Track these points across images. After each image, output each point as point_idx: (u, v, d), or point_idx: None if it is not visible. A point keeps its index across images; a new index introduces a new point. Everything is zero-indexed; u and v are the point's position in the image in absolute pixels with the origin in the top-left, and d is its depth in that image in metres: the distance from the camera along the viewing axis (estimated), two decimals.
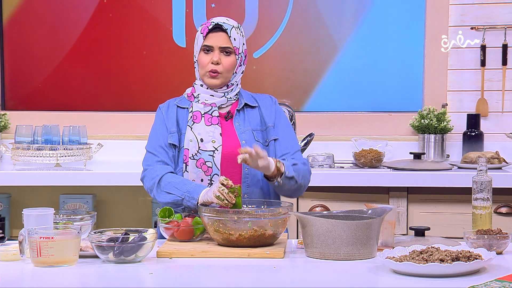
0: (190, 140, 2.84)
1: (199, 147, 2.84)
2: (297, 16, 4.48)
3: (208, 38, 2.85)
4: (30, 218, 2.45)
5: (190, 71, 4.56)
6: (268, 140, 2.90)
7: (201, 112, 2.88)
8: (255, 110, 2.93)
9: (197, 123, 2.87)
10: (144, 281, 2.25)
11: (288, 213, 2.56)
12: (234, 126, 2.89)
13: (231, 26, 2.86)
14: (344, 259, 2.39)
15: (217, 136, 2.85)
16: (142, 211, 4.30)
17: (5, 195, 4.19)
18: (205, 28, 2.86)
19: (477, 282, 2.11)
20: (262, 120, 2.91)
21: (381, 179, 3.83)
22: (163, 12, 4.52)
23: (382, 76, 4.45)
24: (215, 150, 2.83)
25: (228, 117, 2.89)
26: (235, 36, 2.86)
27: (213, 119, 2.87)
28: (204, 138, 2.84)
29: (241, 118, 2.91)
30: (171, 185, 2.77)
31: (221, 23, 2.85)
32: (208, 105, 2.88)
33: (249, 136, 2.87)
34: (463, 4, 4.35)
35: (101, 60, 4.56)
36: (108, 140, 4.40)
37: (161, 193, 2.79)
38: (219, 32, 2.85)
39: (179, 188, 2.75)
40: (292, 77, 4.50)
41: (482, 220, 2.66)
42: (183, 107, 2.93)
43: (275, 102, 2.98)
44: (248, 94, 2.97)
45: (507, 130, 4.30)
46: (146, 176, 2.85)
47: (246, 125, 2.90)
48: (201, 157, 2.83)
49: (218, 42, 2.84)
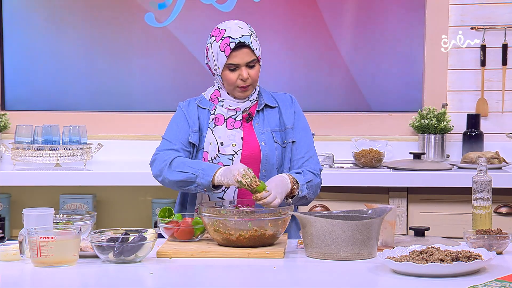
0: (211, 143, 2.83)
1: (219, 151, 2.82)
2: (297, 16, 4.48)
3: (232, 57, 2.78)
4: (30, 218, 2.45)
5: (191, 71, 4.59)
6: (286, 142, 2.88)
7: (224, 115, 2.86)
8: (274, 110, 2.91)
9: (218, 126, 2.85)
10: (144, 281, 2.25)
11: (288, 213, 2.56)
12: (253, 127, 2.87)
13: (249, 36, 2.79)
14: (344, 259, 2.39)
15: (238, 140, 2.83)
16: (142, 211, 4.29)
17: (5, 195, 4.19)
18: (225, 46, 2.77)
19: (477, 282, 2.11)
20: (281, 121, 2.90)
21: (381, 179, 3.83)
22: (164, 11, 4.52)
23: (382, 76, 4.45)
24: (235, 153, 2.82)
25: (249, 119, 2.87)
26: (256, 45, 2.81)
27: (236, 123, 2.85)
28: (225, 142, 2.83)
29: (260, 118, 2.89)
30: (184, 164, 2.73)
31: (243, 40, 2.77)
32: (232, 109, 2.87)
33: (268, 137, 2.85)
34: (463, 4, 4.35)
35: (101, 60, 4.56)
36: (108, 140, 4.40)
37: (173, 172, 2.73)
38: (243, 49, 2.78)
39: (193, 166, 2.70)
40: (292, 77, 4.50)
41: (482, 220, 2.66)
42: (204, 107, 2.90)
43: (294, 102, 2.95)
44: (267, 94, 2.94)
45: (507, 130, 4.30)
46: (156, 160, 2.80)
47: (266, 126, 2.88)
48: (220, 161, 2.82)
49: (244, 59, 2.79)
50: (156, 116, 4.50)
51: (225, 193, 2.81)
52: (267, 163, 2.83)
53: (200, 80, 4.43)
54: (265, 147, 2.83)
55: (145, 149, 4.40)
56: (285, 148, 2.88)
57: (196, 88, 4.42)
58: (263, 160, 2.83)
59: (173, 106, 4.48)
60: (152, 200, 4.19)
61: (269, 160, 2.84)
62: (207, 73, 2.94)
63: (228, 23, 2.83)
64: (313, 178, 2.82)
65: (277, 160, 2.85)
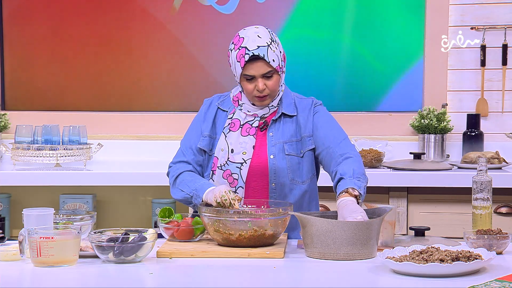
0: (222, 149, 2.81)
1: (228, 158, 2.80)
2: (296, 15, 4.48)
3: (247, 68, 2.74)
4: (30, 218, 2.45)
5: (191, 71, 4.59)
6: (303, 151, 2.82)
7: (240, 121, 2.83)
8: (292, 119, 2.85)
9: (233, 131, 2.82)
10: (144, 281, 2.25)
11: (288, 213, 2.56)
12: (267, 138, 2.83)
13: (265, 48, 2.73)
14: (344, 259, 2.39)
15: (249, 148, 2.80)
16: (142, 211, 4.29)
17: (5, 195, 4.19)
18: (241, 57, 2.73)
19: (477, 282, 2.11)
20: (298, 130, 2.84)
21: (381, 179, 3.83)
22: (164, 11, 4.52)
23: (382, 76, 4.45)
24: (244, 162, 2.79)
25: (263, 127, 2.83)
26: (273, 56, 2.73)
27: (251, 129, 2.82)
28: (235, 149, 2.80)
29: (276, 128, 2.83)
30: (184, 183, 2.77)
31: (257, 53, 2.71)
32: (250, 115, 2.84)
33: (278, 150, 2.80)
34: (463, 4, 4.35)
35: (101, 60, 4.56)
36: (108, 140, 4.40)
37: (176, 190, 2.80)
38: (257, 62, 2.73)
39: (189, 185, 2.75)
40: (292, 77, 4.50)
41: (482, 220, 2.66)
42: (224, 109, 2.88)
43: (313, 106, 2.89)
44: (290, 99, 2.87)
45: (507, 130, 4.30)
46: (169, 173, 2.87)
47: (279, 137, 2.81)
48: (228, 168, 2.80)
49: (259, 71, 2.74)
50: (156, 116, 4.50)
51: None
52: (276, 177, 2.79)
53: (200, 80, 4.43)
54: (273, 160, 2.78)
55: (145, 149, 4.43)
56: (303, 157, 2.82)
57: (196, 89, 4.45)
58: (271, 174, 2.79)
59: (173, 106, 4.52)
60: (152, 200, 4.19)
61: (278, 173, 2.79)
62: (207, 73, 2.94)
63: (249, 31, 2.77)
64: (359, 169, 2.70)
65: (290, 172, 2.80)
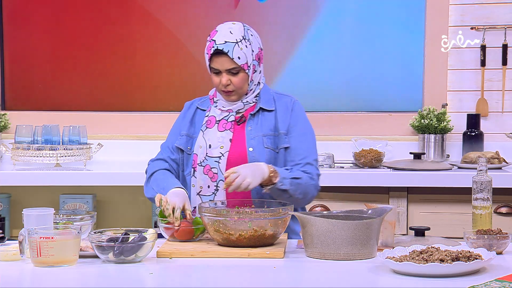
0: (200, 146, 2.83)
1: (207, 153, 2.82)
2: (295, 15, 4.48)
3: (213, 61, 2.78)
4: (30, 218, 2.45)
5: (191, 71, 4.59)
6: (279, 148, 2.83)
7: (216, 117, 2.85)
8: (271, 114, 2.86)
9: (209, 128, 2.85)
10: (144, 281, 2.25)
11: (288, 213, 2.56)
12: (245, 131, 2.84)
13: (232, 45, 2.75)
14: (344, 259, 2.39)
15: (226, 141, 2.82)
16: (142, 211, 4.29)
17: (5, 195, 4.19)
18: (209, 49, 2.77)
19: (477, 282, 2.11)
20: (276, 125, 2.85)
21: (381, 179, 3.83)
22: (164, 11, 4.52)
23: (382, 76, 4.45)
24: (221, 156, 2.80)
25: (240, 121, 2.85)
26: (239, 54, 2.76)
27: (227, 124, 2.83)
28: (213, 144, 2.81)
29: (254, 122, 2.85)
30: (156, 181, 2.81)
31: (221, 48, 2.74)
32: (225, 111, 2.86)
33: (258, 143, 2.81)
34: (463, 4, 4.35)
35: (101, 60, 4.56)
36: (108, 140, 4.40)
37: (148, 187, 2.85)
38: (221, 57, 2.76)
39: (159, 184, 2.78)
40: (291, 77, 4.50)
41: (482, 220, 2.66)
42: (203, 109, 2.92)
43: (293, 106, 2.88)
44: (268, 96, 2.89)
45: (507, 130, 4.30)
46: (146, 171, 2.91)
47: (258, 131, 2.83)
48: (208, 163, 2.81)
49: (223, 66, 2.77)
50: (156, 116, 4.50)
51: (215, 195, 2.81)
52: None
53: (200, 81, 4.43)
54: (252, 153, 2.79)
55: (145, 149, 4.40)
56: (278, 153, 2.83)
57: (196, 89, 4.45)
58: None
59: (173, 106, 4.51)
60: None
61: None
62: (207, 73, 2.94)
63: (223, 26, 2.81)
64: (303, 177, 2.75)
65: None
